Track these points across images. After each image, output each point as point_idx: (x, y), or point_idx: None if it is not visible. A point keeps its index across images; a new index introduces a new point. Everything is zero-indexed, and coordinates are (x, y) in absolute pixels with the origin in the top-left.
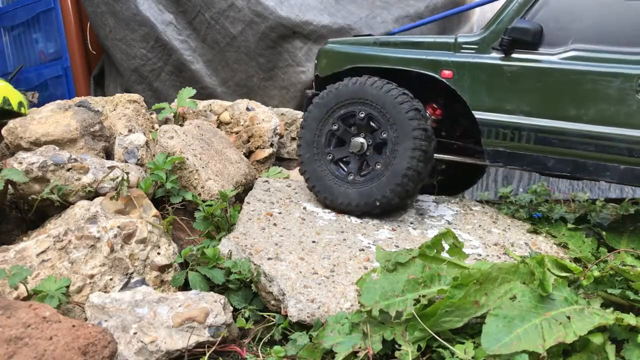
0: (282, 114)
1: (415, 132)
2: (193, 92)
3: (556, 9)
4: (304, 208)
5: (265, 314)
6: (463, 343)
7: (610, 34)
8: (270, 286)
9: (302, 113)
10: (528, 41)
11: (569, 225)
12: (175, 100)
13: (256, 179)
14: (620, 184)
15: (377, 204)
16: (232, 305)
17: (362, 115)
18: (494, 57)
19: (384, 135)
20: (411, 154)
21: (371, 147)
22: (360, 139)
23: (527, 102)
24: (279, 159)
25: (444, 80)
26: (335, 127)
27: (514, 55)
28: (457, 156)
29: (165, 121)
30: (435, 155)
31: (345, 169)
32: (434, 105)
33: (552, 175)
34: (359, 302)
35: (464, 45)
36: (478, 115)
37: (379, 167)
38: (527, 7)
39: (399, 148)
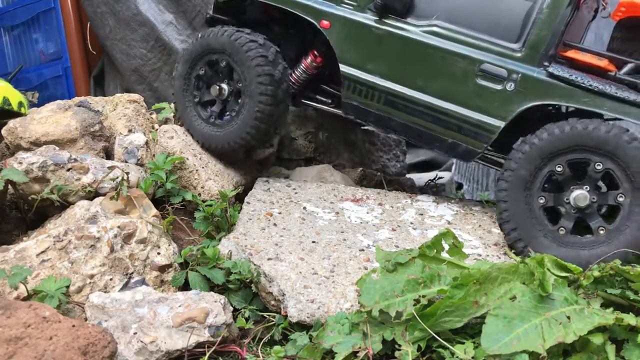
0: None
1: (260, 78)
2: None
3: None
4: (304, 208)
5: (265, 314)
6: (463, 343)
7: (468, 17)
8: (270, 286)
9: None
10: (398, 9)
11: None
12: None
13: (256, 179)
14: (445, 156)
15: (237, 145)
16: (232, 305)
17: (224, 64)
18: (367, 18)
19: (240, 85)
20: (259, 98)
21: (232, 94)
22: (218, 85)
23: (385, 66)
24: (279, 159)
25: (322, 30)
26: (202, 72)
27: (384, 20)
28: (332, 107)
29: (165, 121)
30: (306, 101)
31: (209, 111)
32: (316, 52)
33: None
34: (359, 302)
35: (345, 0)
36: (343, 68)
37: (233, 113)
38: None
39: (249, 93)
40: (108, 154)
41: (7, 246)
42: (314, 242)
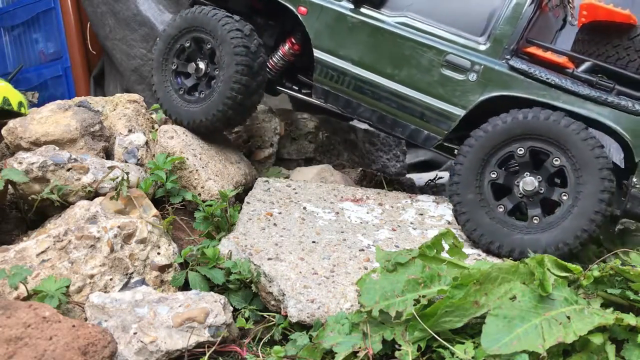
0: (282, 113)
1: (237, 49)
2: None
3: None
4: (304, 208)
5: (265, 314)
6: (463, 343)
7: (437, 11)
8: (270, 286)
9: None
10: (373, 0)
11: None
12: None
13: (256, 179)
14: (407, 141)
15: (216, 117)
16: (232, 306)
17: (188, 44)
18: (343, 6)
19: (211, 48)
20: (235, 69)
21: (209, 70)
22: (195, 63)
23: (357, 53)
24: (279, 159)
25: (299, 15)
26: (188, 44)
27: (359, 9)
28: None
29: (165, 121)
30: (282, 89)
31: (180, 81)
32: (293, 40)
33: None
34: (359, 302)
35: None
36: (316, 53)
37: (208, 91)
38: None
39: (225, 65)
40: (108, 154)
41: (7, 246)
42: (314, 242)
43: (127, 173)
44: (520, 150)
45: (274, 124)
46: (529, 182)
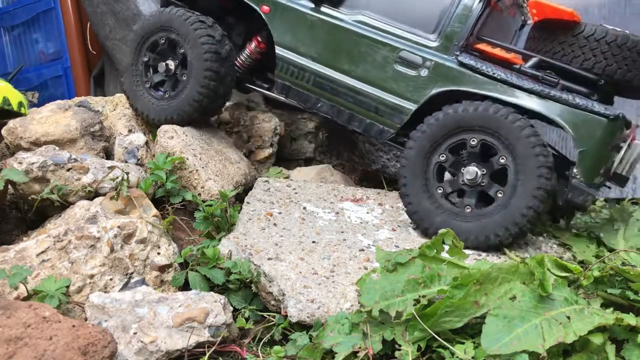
0: (282, 113)
1: (206, 55)
2: None
3: None
4: (304, 208)
5: (265, 314)
6: (463, 343)
7: (392, 9)
8: (270, 286)
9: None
10: None
11: (574, 231)
12: None
13: (256, 179)
14: (362, 134)
15: (192, 109)
16: (232, 306)
17: (163, 41)
18: (304, 5)
19: (182, 51)
20: (204, 74)
21: (179, 66)
22: (164, 62)
23: (316, 50)
24: (279, 159)
25: (262, 14)
26: (147, 59)
27: (319, 8)
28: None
29: None
30: (251, 86)
31: (162, 90)
32: (259, 39)
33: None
34: (359, 302)
35: None
36: (278, 50)
37: (184, 78)
38: None
39: (194, 68)
40: (108, 154)
41: (7, 246)
42: (314, 242)
43: (127, 173)
44: (442, 156)
45: (274, 124)
46: (471, 172)
